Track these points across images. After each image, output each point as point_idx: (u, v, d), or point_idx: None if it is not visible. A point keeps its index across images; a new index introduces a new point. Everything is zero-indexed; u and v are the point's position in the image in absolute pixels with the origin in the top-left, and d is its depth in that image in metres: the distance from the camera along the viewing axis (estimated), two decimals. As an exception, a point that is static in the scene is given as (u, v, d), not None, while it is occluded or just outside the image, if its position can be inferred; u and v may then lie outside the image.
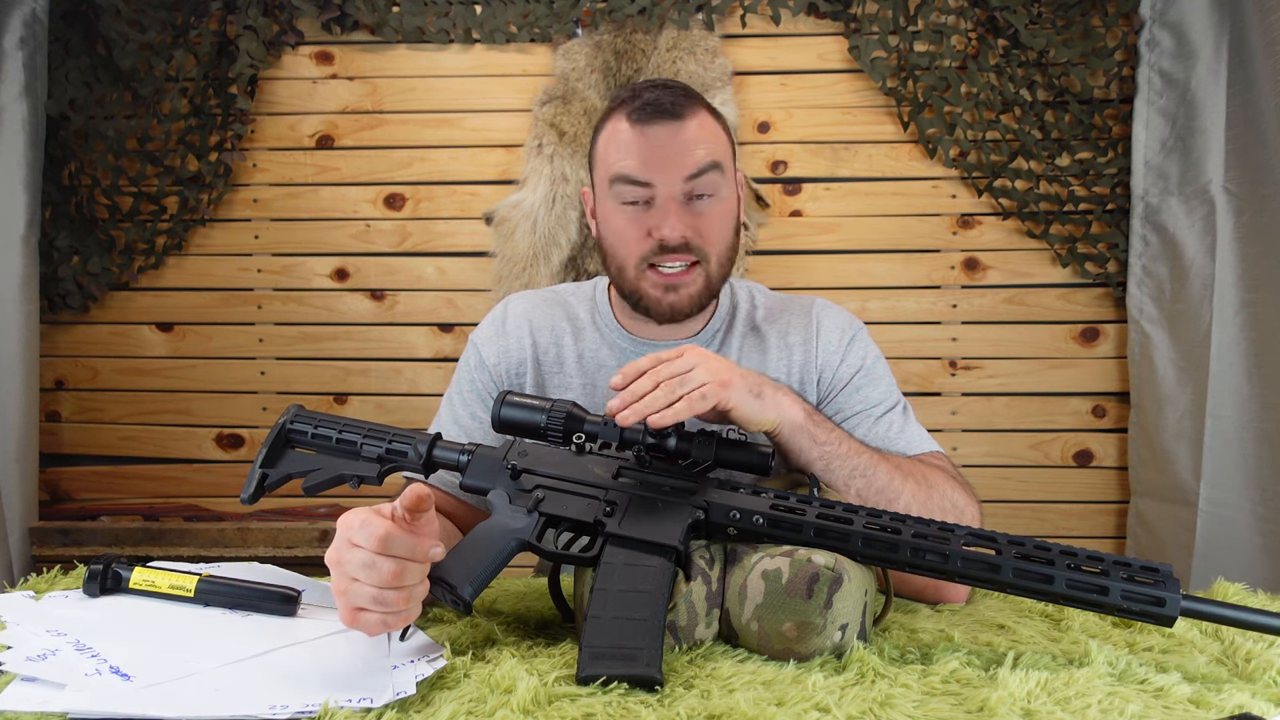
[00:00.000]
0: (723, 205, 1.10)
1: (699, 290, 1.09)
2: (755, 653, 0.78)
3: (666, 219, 1.06)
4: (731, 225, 1.12)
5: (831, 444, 0.94)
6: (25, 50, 2.14)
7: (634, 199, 1.08)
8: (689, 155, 1.06)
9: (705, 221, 1.08)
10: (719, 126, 1.12)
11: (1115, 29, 2.18)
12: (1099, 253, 2.24)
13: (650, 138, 1.06)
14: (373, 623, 0.72)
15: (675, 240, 1.06)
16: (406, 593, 0.72)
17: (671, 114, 1.06)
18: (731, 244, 1.12)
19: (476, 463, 0.88)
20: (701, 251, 1.08)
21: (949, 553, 0.76)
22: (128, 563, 0.90)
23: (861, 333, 1.19)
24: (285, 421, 0.93)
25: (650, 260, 1.08)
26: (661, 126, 1.06)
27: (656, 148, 1.06)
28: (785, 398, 0.93)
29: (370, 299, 2.38)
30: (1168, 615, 0.73)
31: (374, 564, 0.70)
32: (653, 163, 1.06)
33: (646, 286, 1.09)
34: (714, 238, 1.09)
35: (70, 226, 2.32)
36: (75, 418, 2.42)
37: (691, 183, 1.06)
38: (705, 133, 1.08)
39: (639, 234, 1.08)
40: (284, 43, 2.32)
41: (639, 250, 1.08)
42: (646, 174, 1.06)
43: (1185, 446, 2.07)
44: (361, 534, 0.71)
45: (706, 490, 0.82)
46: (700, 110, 1.10)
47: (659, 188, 1.06)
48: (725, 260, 1.11)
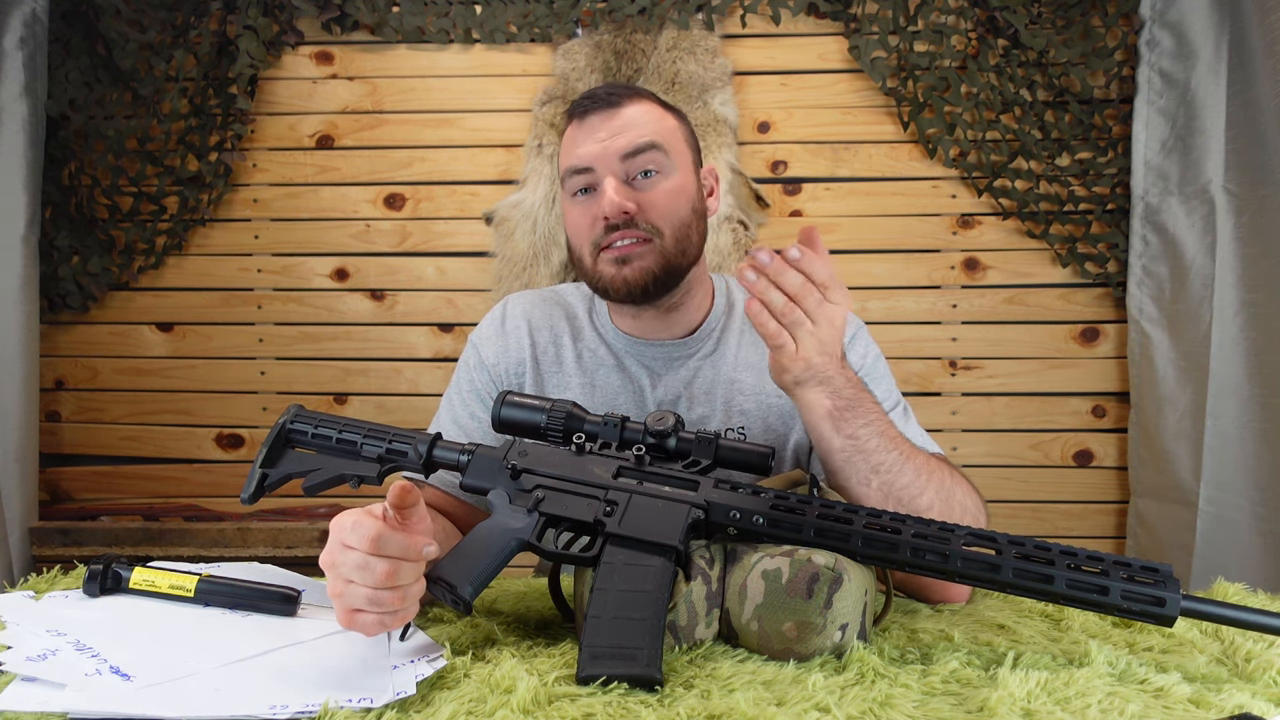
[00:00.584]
0: (670, 182, 1.09)
1: (653, 264, 1.07)
2: (755, 653, 0.77)
3: (605, 195, 1.06)
4: (685, 204, 1.10)
5: (859, 438, 0.91)
6: (25, 50, 2.14)
7: (581, 187, 1.09)
8: (622, 135, 1.07)
9: (650, 196, 1.07)
10: (666, 115, 1.12)
11: (1115, 29, 2.19)
12: (1099, 253, 2.24)
13: (587, 127, 1.09)
14: (369, 623, 0.72)
15: (615, 214, 1.05)
16: (401, 592, 0.72)
17: (606, 103, 1.09)
18: (687, 222, 1.09)
19: (476, 463, 0.88)
20: (649, 227, 1.07)
21: (949, 553, 0.76)
22: (128, 563, 0.90)
23: (862, 332, 1.19)
24: (285, 421, 0.93)
25: (601, 243, 1.08)
26: (596, 115, 1.09)
27: (591, 133, 1.08)
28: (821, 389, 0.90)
29: (370, 299, 2.38)
30: (1168, 615, 0.73)
31: (367, 565, 0.70)
32: (590, 148, 1.08)
33: (602, 267, 1.09)
34: (661, 212, 1.07)
35: (70, 226, 2.32)
36: (75, 418, 2.42)
37: (629, 161, 1.07)
38: (644, 117, 1.09)
39: (589, 221, 1.08)
40: (284, 43, 2.32)
41: (590, 236, 1.09)
42: (584, 160, 1.08)
43: (1185, 446, 2.07)
44: (354, 535, 0.71)
45: (706, 490, 0.82)
46: (643, 100, 1.11)
47: (598, 170, 1.07)
48: (682, 237, 1.09)
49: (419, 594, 0.74)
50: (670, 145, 1.09)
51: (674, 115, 1.14)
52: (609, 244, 1.07)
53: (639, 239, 1.07)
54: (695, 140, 1.17)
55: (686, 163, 1.12)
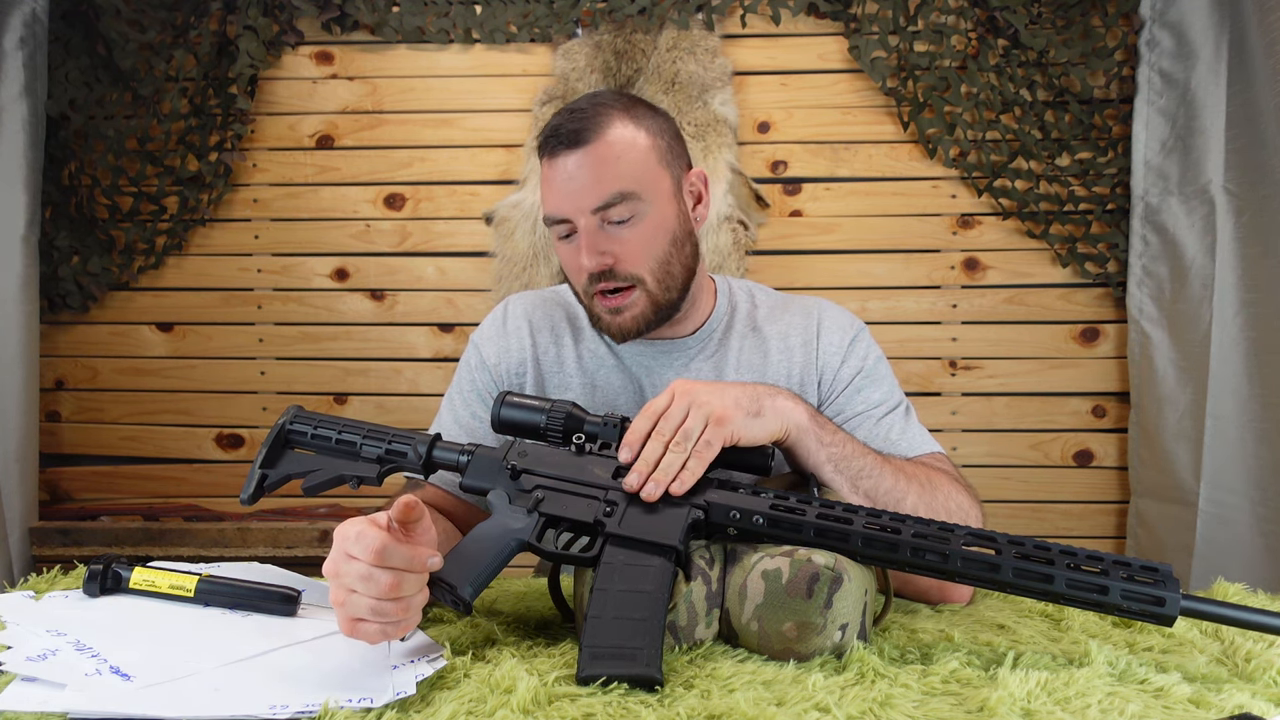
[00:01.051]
0: (645, 224, 1.06)
1: (642, 310, 1.08)
2: (755, 653, 0.78)
3: (581, 253, 1.05)
4: (663, 240, 1.07)
5: (837, 445, 0.93)
6: (25, 50, 2.14)
7: (563, 234, 1.08)
8: (594, 189, 1.04)
9: (624, 246, 1.05)
10: (637, 137, 1.06)
11: (1115, 29, 2.18)
12: (1099, 253, 2.24)
13: (558, 172, 1.05)
14: (372, 633, 0.72)
15: (593, 269, 1.05)
16: (404, 603, 0.72)
17: (572, 142, 1.04)
18: (668, 258, 1.08)
19: (476, 463, 0.87)
20: (629, 275, 1.06)
21: (949, 552, 0.76)
22: (128, 563, 0.90)
23: (863, 333, 1.18)
24: (285, 422, 0.93)
25: (589, 290, 1.08)
26: (565, 158, 1.05)
27: (563, 182, 1.05)
28: (786, 402, 0.91)
29: (370, 299, 2.38)
30: (1168, 615, 0.73)
31: (371, 576, 0.70)
32: (563, 199, 1.05)
33: (598, 311, 1.10)
34: (637, 259, 1.06)
35: (70, 226, 2.32)
36: (75, 418, 2.42)
37: (601, 213, 1.05)
38: (612, 153, 1.04)
39: (575, 266, 1.08)
40: (284, 43, 2.32)
41: (579, 281, 1.09)
42: (558, 212, 1.06)
43: (1185, 446, 2.07)
44: (358, 546, 0.71)
45: (706, 490, 0.82)
46: (611, 126, 1.05)
47: (574, 219, 1.06)
48: (664, 275, 1.08)
49: (422, 604, 0.74)
50: (641, 181, 1.05)
51: (645, 131, 1.07)
52: (598, 291, 1.08)
53: (622, 287, 1.07)
54: (675, 147, 1.12)
55: (663, 190, 1.08)
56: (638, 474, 0.81)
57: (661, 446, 0.82)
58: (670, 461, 0.81)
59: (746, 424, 0.86)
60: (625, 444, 0.84)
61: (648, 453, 0.82)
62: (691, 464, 0.81)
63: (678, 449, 0.82)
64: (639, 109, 1.10)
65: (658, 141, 1.09)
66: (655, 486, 0.80)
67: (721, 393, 0.87)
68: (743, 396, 0.88)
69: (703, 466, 0.82)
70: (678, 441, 0.82)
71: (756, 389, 0.90)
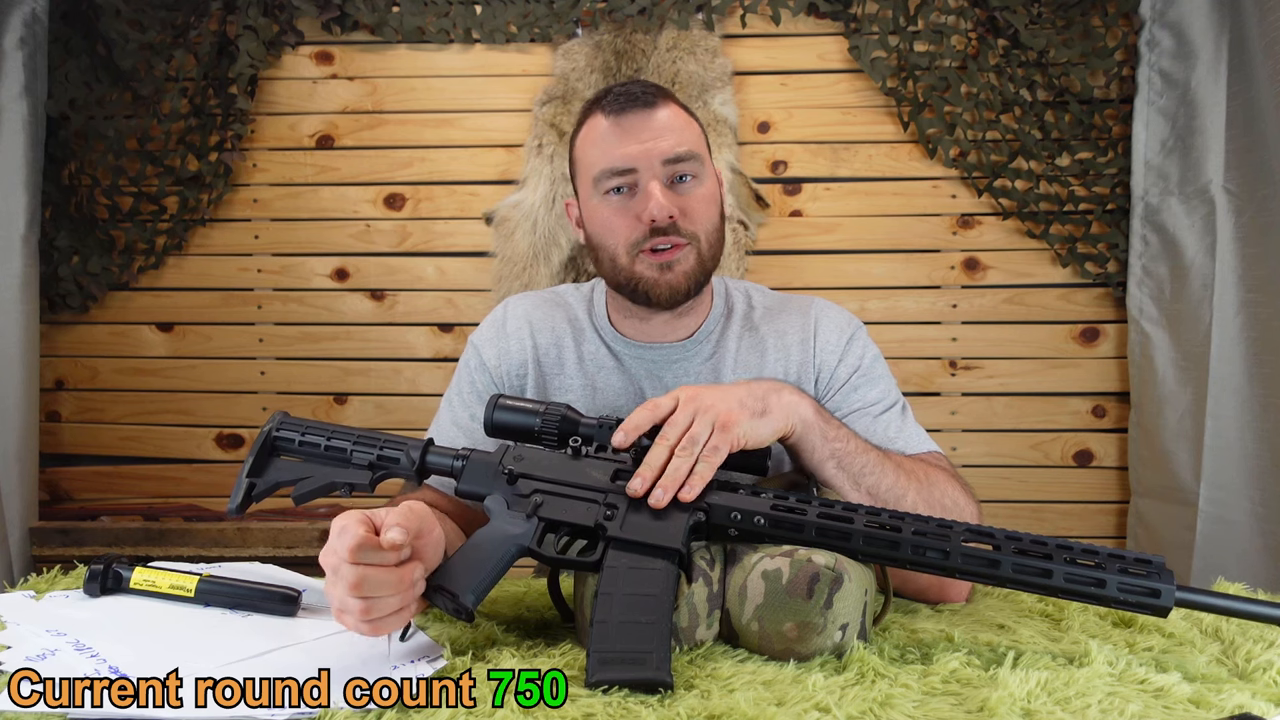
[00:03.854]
0: (705, 188, 1.10)
1: (692, 267, 1.09)
2: (756, 653, 0.78)
3: (653, 199, 1.06)
4: (716, 210, 1.13)
5: (840, 441, 0.93)
6: (25, 50, 2.14)
7: (618, 186, 1.08)
8: (666, 139, 1.07)
9: (689, 202, 1.08)
10: (691, 120, 1.13)
11: (1115, 29, 2.18)
12: (1099, 253, 2.24)
13: (626, 126, 1.08)
14: (349, 625, 0.74)
15: (663, 219, 1.05)
16: (368, 603, 0.72)
17: (644, 102, 1.09)
18: (718, 228, 1.13)
19: (471, 468, 0.86)
20: (689, 232, 1.08)
21: (949, 549, 0.76)
22: (128, 563, 0.90)
23: (860, 332, 1.18)
24: (271, 429, 0.90)
25: (641, 245, 1.08)
26: (635, 115, 1.08)
27: (634, 134, 1.08)
28: (791, 396, 0.91)
29: (370, 299, 2.38)
30: (1163, 606, 0.73)
31: (339, 570, 0.72)
32: (633, 149, 1.07)
33: (642, 269, 1.08)
34: (700, 218, 1.09)
35: (70, 226, 2.32)
36: (75, 418, 2.42)
37: (672, 166, 1.07)
38: (679, 121, 1.10)
39: (628, 221, 1.08)
40: (284, 43, 2.32)
41: (629, 236, 1.08)
42: (628, 161, 1.07)
43: (1185, 446, 2.07)
44: (339, 540, 0.73)
45: (707, 492, 0.82)
46: (671, 103, 1.12)
47: (641, 172, 1.07)
48: (714, 243, 1.12)
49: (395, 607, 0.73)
50: (702, 153, 1.11)
51: (695, 119, 1.15)
52: (651, 247, 1.07)
53: (679, 244, 1.08)
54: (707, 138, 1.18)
55: (712, 170, 1.14)
56: (641, 479, 0.80)
57: (667, 452, 0.82)
58: (677, 467, 0.81)
59: (753, 426, 0.86)
60: (621, 429, 0.83)
61: (653, 458, 0.81)
62: (700, 469, 0.81)
63: (684, 454, 0.81)
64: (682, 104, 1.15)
65: (703, 131, 1.15)
66: (663, 493, 0.80)
67: (726, 395, 0.86)
68: (747, 397, 0.88)
69: (711, 471, 0.81)
70: (683, 447, 0.82)
71: (762, 386, 0.90)
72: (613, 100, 1.10)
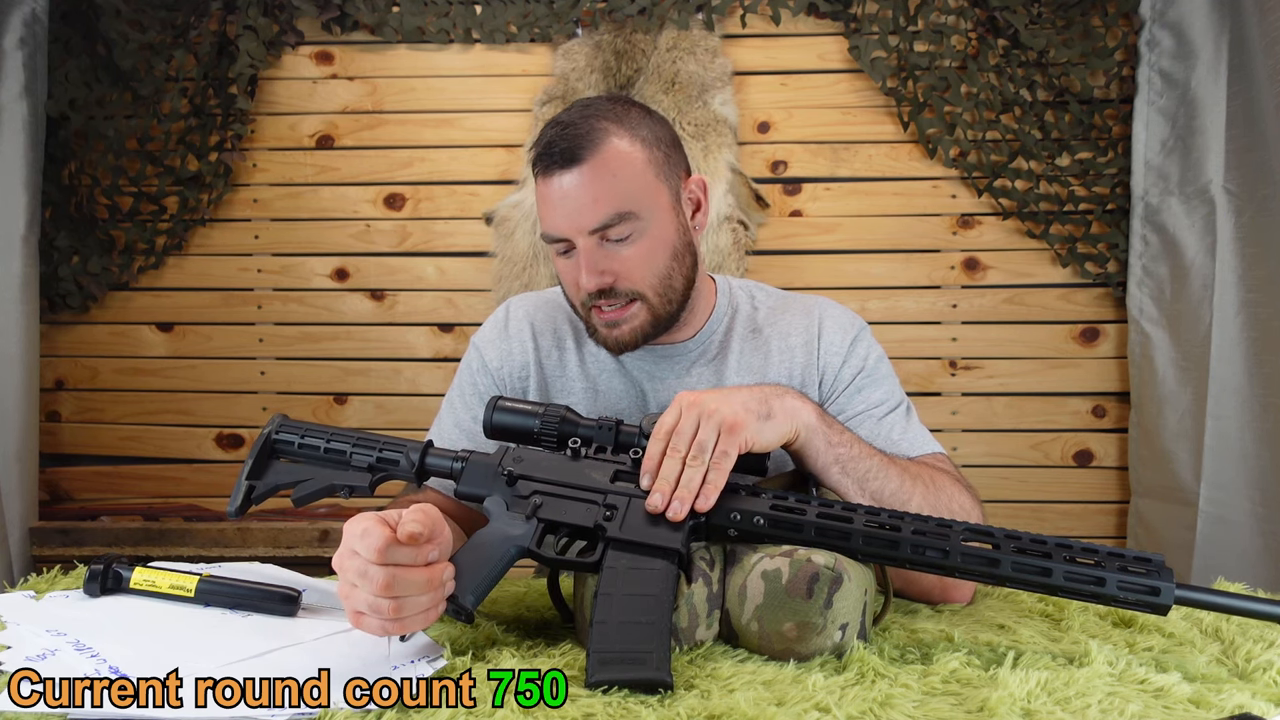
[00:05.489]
0: (645, 241, 1.05)
1: (642, 323, 1.08)
2: (755, 653, 0.78)
3: (581, 272, 1.05)
4: (663, 255, 1.07)
5: (844, 445, 0.93)
6: (25, 50, 2.14)
7: (561, 251, 1.08)
8: (590, 210, 1.02)
9: (623, 263, 1.05)
10: (633, 150, 1.04)
11: (1115, 29, 2.18)
12: (1099, 253, 2.24)
13: (554, 191, 1.04)
14: (373, 627, 0.73)
15: (592, 289, 1.05)
16: (400, 602, 0.72)
17: (567, 160, 1.02)
18: (668, 271, 1.07)
19: (470, 470, 0.86)
20: (629, 291, 1.06)
21: (949, 549, 0.76)
22: (128, 563, 0.90)
23: (865, 333, 1.18)
24: (270, 432, 0.90)
25: (588, 304, 1.08)
26: (560, 177, 1.03)
27: (560, 202, 1.03)
28: (794, 401, 0.90)
29: (370, 299, 2.38)
30: (1163, 604, 0.73)
31: (367, 573, 0.71)
32: (560, 219, 1.04)
33: (596, 324, 1.09)
34: (638, 275, 1.06)
35: (70, 226, 2.32)
36: (75, 418, 2.42)
37: (599, 234, 1.04)
38: (606, 170, 1.02)
39: (572, 281, 1.08)
40: (284, 43, 2.32)
41: (577, 297, 1.09)
42: (559, 232, 1.05)
43: (1185, 446, 2.07)
44: (362, 543, 0.72)
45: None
46: (606, 142, 1.03)
47: (574, 239, 1.05)
48: (665, 289, 1.08)
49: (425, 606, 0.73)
50: (639, 198, 1.04)
51: (641, 143, 1.05)
52: (595, 306, 1.07)
53: (622, 303, 1.07)
54: (673, 155, 1.10)
55: (662, 204, 1.07)
56: (660, 494, 0.80)
57: (679, 463, 0.81)
58: (690, 477, 0.80)
59: (759, 429, 0.85)
60: (644, 471, 0.82)
61: (666, 471, 0.81)
62: (712, 476, 0.80)
63: (695, 463, 0.81)
64: (633, 117, 1.07)
65: (654, 153, 1.07)
66: (680, 505, 0.79)
67: (729, 399, 0.85)
68: (751, 400, 0.87)
69: (723, 478, 0.81)
70: (694, 455, 0.81)
71: (763, 390, 0.90)
72: (540, 156, 1.05)
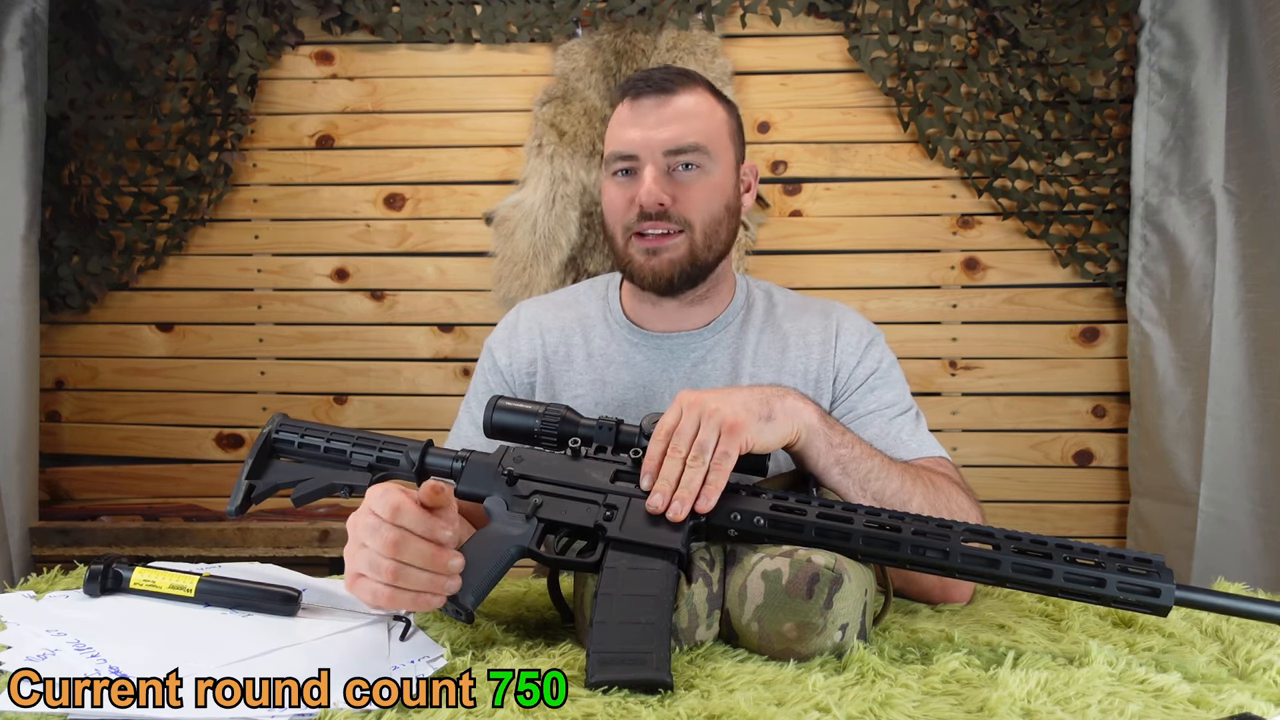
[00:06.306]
0: (708, 180, 1.10)
1: (681, 256, 1.10)
2: (756, 653, 0.78)
3: (643, 185, 1.08)
4: (719, 201, 1.12)
5: (846, 446, 0.93)
6: (25, 50, 2.14)
7: (622, 168, 1.11)
8: (669, 128, 1.08)
9: (685, 190, 1.09)
10: (717, 108, 1.13)
11: (1115, 29, 2.18)
12: (1099, 253, 2.24)
13: (637, 110, 1.10)
14: (367, 591, 0.73)
15: (650, 205, 1.07)
16: (400, 568, 0.72)
17: (660, 89, 1.10)
18: (719, 219, 1.12)
19: (471, 469, 0.86)
20: (682, 219, 1.09)
21: (949, 549, 0.76)
22: (128, 563, 0.90)
23: (879, 338, 1.21)
24: (270, 431, 0.91)
25: (634, 229, 1.10)
26: (649, 101, 1.10)
27: (641, 119, 1.09)
28: (795, 402, 0.90)
29: (370, 299, 2.38)
30: (1163, 605, 0.73)
31: (377, 529, 0.72)
32: (635, 135, 1.09)
33: (633, 253, 1.11)
34: (695, 207, 1.09)
35: (70, 226, 2.32)
36: (75, 418, 2.42)
37: (673, 156, 1.08)
38: (695, 110, 1.10)
39: (624, 203, 1.11)
40: (284, 43, 2.32)
41: (624, 219, 1.11)
42: (630, 146, 1.09)
43: (1185, 446, 2.07)
44: (380, 502, 0.73)
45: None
46: (696, 89, 1.11)
47: (642, 158, 1.09)
48: (711, 233, 1.11)
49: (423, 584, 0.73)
50: (714, 144, 1.10)
51: (725, 107, 1.14)
52: (641, 230, 1.09)
53: (670, 230, 1.09)
54: (741, 134, 1.18)
55: (728, 160, 1.13)
56: (661, 495, 0.79)
57: (679, 464, 0.81)
58: (690, 478, 0.80)
59: (760, 429, 0.85)
60: (645, 471, 0.82)
61: (666, 471, 0.81)
62: (713, 477, 0.80)
63: (696, 464, 0.80)
64: (720, 92, 1.16)
65: (731, 120, 1.15)
66: (681, 505, 0.79)
67: (729, 399, 0.85)
68: (751, 400, 0.87)
69: (724, 479, 0.81)
70: (694, 456, 0.81)
71: (764, 391, 0.89)
72: (633, 85, 1.11)
